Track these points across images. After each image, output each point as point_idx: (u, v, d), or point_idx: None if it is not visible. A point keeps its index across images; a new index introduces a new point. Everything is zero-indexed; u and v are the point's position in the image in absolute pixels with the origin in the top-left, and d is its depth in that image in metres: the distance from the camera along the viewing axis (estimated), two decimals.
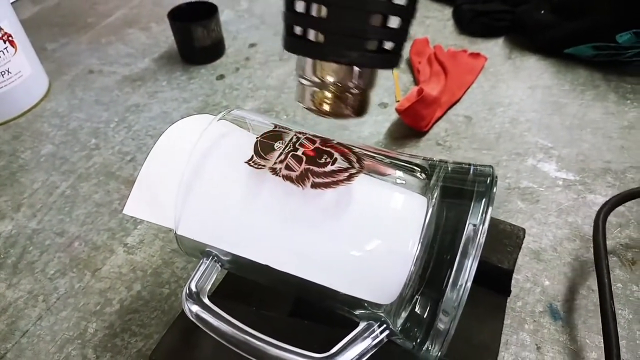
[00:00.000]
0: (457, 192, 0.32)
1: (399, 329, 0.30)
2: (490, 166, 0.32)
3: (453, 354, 0.37)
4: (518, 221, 0.52)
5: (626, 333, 0.43)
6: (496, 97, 0.70)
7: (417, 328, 0.30)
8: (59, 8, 1.05)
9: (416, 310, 0.30)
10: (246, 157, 0.33)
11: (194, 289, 0.32)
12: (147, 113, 0.73)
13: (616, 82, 0.70)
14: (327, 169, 0.32)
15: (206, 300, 0.32)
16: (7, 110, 0.74)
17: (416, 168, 0.35)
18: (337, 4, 0.27)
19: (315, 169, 0.32)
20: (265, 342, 0.30)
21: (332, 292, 0.30)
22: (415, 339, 0.30)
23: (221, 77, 0.79)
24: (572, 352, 0.42)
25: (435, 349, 0.29)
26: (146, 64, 0.84)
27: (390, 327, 0.30)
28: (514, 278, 0.47)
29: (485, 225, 0.28)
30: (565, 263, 0.49)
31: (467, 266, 0.28)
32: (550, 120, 0.65)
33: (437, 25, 0.87)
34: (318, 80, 0.30)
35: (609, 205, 0.47)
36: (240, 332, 0.30)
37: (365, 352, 0.30)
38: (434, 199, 0.31)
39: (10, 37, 0.71)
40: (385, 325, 0.30)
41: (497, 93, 0.71)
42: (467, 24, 0.83)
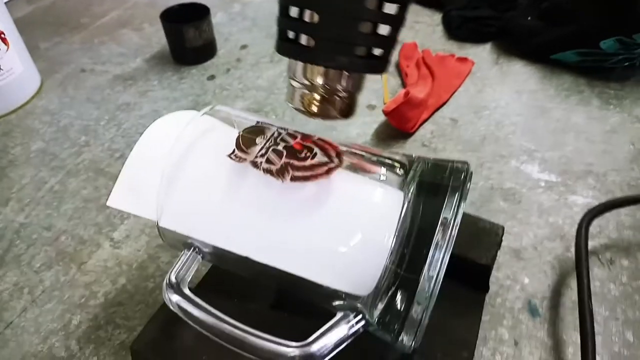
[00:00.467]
0: (434, 187, 0.33)
1: (376, 320, 0.31)
2: (466, 162, 0.33)
3: (431, 348, 0.38)
4: (500, 220, 0.53)
5: (602, 329, 0.44)
6: (482, 100, 0.71)
7: (393, 319, 0.30)
8: (53, 8, 1.06)
9: (392, 302, 0.30)
10: (228, 151, 0.33)
11: (174, 279, 0.33)
12: (138, 111, 0.74)
13: (600, 88, 0.72)
14: (306, 163, 0.32)
15: (186, 291, 0.33)
16: None
17: (395, 164, 0.35)
18: (328, 11, 0.29)
19: (295, 162, 0.32)
20: (244, 332, 0.30)
21: (310, 284, 0.31)
22: (392, 331, 0.30)
23: (212, 77, 0.80)
24: (549, 347, 0.43)
25: (410, 338, 0.30)
26: (138, 64, 0.85)
27: (367, 317, 0.31)
28: (494, 275, 0.48)
29: (458, 219, 0.29)
30: (545, 262, 0.49)
31: (439, 258, 0.28)
32: (534, 124, 0.66)
33: (427, 30, 0.89)
34: (308, 83, 0.32)
35: (592, 212, 0.48)
36: (220, 321, 0.31)
37: (341, 341, 0.30)
38: (410, 194, 0.32)
39: (2, 35, 0.71)
40: (361, 316, 0.31)
41: (483, 97, 0.72)
42: (456, 30, 0.85)
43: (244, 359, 0.29)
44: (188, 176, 0.34)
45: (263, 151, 0.33)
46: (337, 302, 0.32)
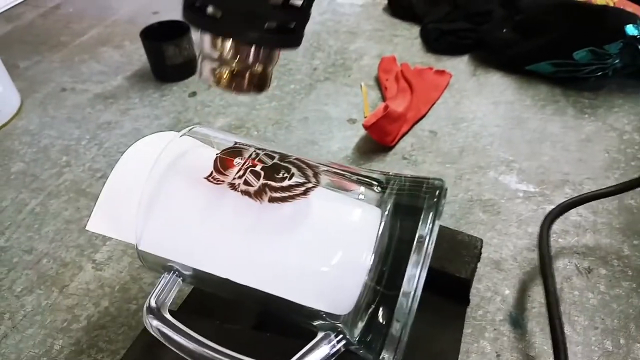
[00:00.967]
0: (410, 204, 0.33)
1: (357, 338, 0.31)
2: (441, 179, 0.33)
3: None
4: (479, 232, 0.54)
5: (582, 339, 0.44)
6: (460, 112, 0.72)
7: (374, 337, 0.31)
8: (32, 27, 1.06)
9: (372, 320, 0.31)
10: (206, 173, 0.34)
11: (153, 304, 0.33)
12: (119, 130, 0.74)
13: (575, 98, 0.73)
14: (284, 183, 0.33)
15: (167, 315, 0.33)
16: None
17: (373, 182, 0.36)
18: None
19: (273, 183, 0.33)
20: (225, 355, 0.30)
21: (290, 304, 0.31)
22: (373, 348, 0.31)
23: (193, 94, 0.80)
24: (531, 358, 0.43)
25: (390, 356, 0.30)
26: (119, 82, 0.85)
27: (347, 336, 0.31)
28: (475, 287, 0.48)
29: (433, 236, 0.30)
30: (525, 272, 0.50)
31: (415, 275, 0.29)
32: (511, 135, 0.68)
33: (405, 43, 0.90)
34: (217, 55, 0.29)
35: (552, 215, 0.49)
36: (201, 345, 0.31)
37: None
38: (387, 211, 0.32)
39: None
40: (342, 335, 0.31)
41: (461, 109, 0.73)
42: (434, 43, 0.86)
43: None
44: (166, 199, 0.34)
45: (241, 172, 0.33)
46: (317, 322, 0.32)
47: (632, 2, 0.75)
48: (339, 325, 0.31)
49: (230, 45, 0.29)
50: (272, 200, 0.32)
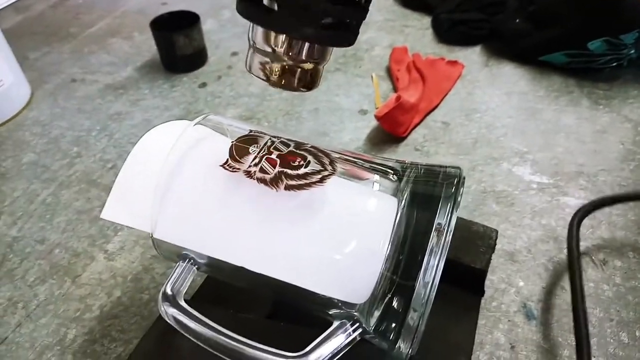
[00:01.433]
0: (427, 193, 0.33)
1: (372, 327, 0.31)
2: (458, 167, 0.33)
3: (427, 354, 0.38)
4: (493, 223, 0.53)
5: (597, 331, 0.44)
6: (473, 103, 0.72)
7: (389, 326, 0.30)
8: (42, 18, 1.06)
9: (388, 309, 0.30)
10: (221, 161, 0.33)
11: (169, 291, 0.33)
12: (129, 121, 0.74)
13: (589, 89, 0.72)
14: (300, 171, 0.32)
15: (182, 303, 0.32)
16: None
17: (389, 170, 0.35)
18: None
19: (289, 171, 0.32)
20: (240, 343, 0.30)
21: (306, 292, 0.31)
22: (388, 338, 0.30)
23: (203, 85, 0.80)
24: (546, 350, 0.43)
25: (407, 345, 0.30)
26: (129, 73, 0.85)
27: (363, 325, 0.31)
28: (489, 279, 0.48)
29: (451, 225, 0.29)
30: (539, 264, 0.50)
31: (434, 264, 0.28)
32: (525, 126, 0.67)
33: (416, 34, 0.89)
34: (270, 50, 0.29)
35: (582, 212, 0.48)
36: (216, 333, 0.31)
37: (338, 350, 0.30)
38: (403, 200, 0.32)
39: None
40: (358, 324, 0.31)
41: (474, 99, 0.72)
42: (445, 33, 0.85)
43: None
44: (182, 187, 0.34)
45: (256, 160, 0.33)
46: (333, 311, 0.32)
47: None
48: (355, 314, 0.31)
49: (283, 41, 0.28)
50: (288, 188, 0.32)
